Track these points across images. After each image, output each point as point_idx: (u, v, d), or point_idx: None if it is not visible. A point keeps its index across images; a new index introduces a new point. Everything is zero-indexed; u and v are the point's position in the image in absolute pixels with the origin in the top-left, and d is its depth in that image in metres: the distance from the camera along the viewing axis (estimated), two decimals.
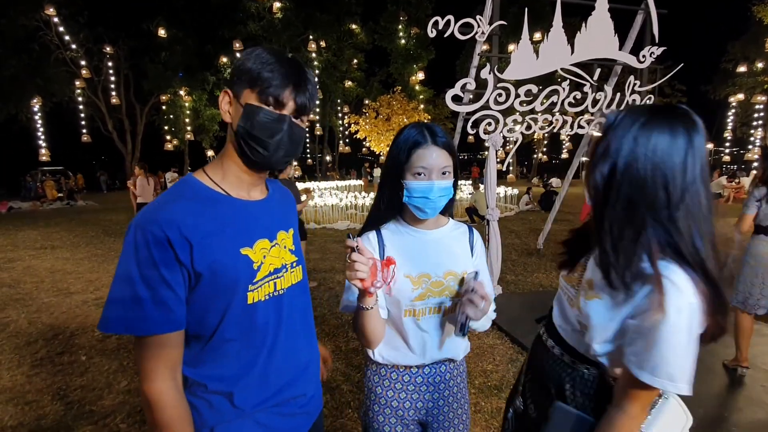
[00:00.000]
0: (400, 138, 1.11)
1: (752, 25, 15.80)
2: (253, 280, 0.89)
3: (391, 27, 20.95)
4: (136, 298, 0.79)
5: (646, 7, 4.73)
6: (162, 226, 0.80)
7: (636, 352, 0.82)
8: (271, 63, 0.86)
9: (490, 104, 4.26)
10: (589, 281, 0.95)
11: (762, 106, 20.66)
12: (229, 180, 0.93)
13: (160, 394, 0.81)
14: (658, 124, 0.83)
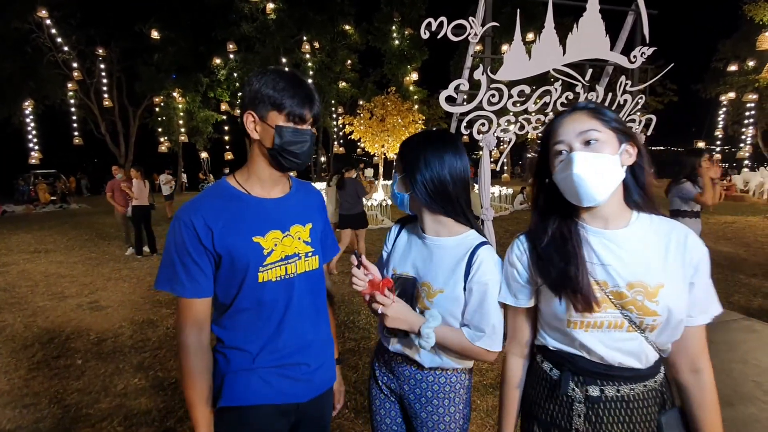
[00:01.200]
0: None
1: (743, 24, 15.97)
2: (263, 263, 1.09)
3: (384, 28, 20.96)
4: (173, 268, 1.06)
5: (637, 8, 4.79)
6: (191, 216, 1.05)
7: (701, 304, 0.95)
8: (287, 89, 1.06)
9: (484, 105, 4.30)
10: (634, 285, 0.92)
11: (753, 104, 20.94)
12: (251, 182, 1.15)
13: (185, 343, 1.06)
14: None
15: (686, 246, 0.92)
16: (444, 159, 1.12)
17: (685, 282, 0.92)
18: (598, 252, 0.95)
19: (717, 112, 24.79)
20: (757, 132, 22.52)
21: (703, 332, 0.97)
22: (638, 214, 0.97)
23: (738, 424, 2.38)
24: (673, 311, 0.90)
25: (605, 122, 0.93)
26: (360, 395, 2.73)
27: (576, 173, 0.90)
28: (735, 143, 25.47)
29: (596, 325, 0.93)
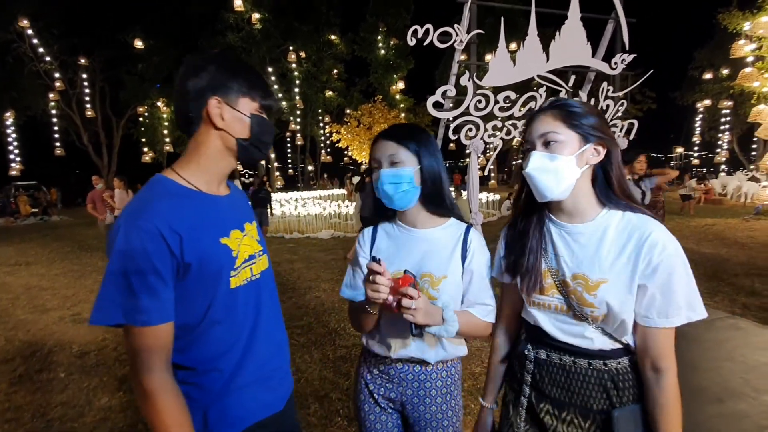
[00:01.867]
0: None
1: (717, 33, 16.60)
2: (234, 266, 0.99)
3: (370, 38, 21.20)
4: (132, 292, 0.85)
5: (616, 16, 4.93)
6: (153, 220, 0.86)
7: (659, 307, 0.94)
8: (256, 76, 1.00)
9: (471, 110, 4.36)
10: (577, 276, 1.00)
11: (728, 111, 21.66)
12: (203, 178, 1.00)
13: (160, 385, 0.86)
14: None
15: (645, 247, 0.94)
16: (438, 150, 1.18)
17: (634, 282, 0.95)
18: (555, 242, 1.05)
19: (694, 119, 25.62)
20: (732, 137, 23.28)
21: (668, 336, 0.96)
22: (608, 211, 1.01)
23: (728, 420, 2.41)
24: (612, 307, 0.95)
25: (569, 124, 0.99)
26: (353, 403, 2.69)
27: (527, 171, 1.01)
28: (712, 149, 26.27)
29: (546, 306, 1.05)
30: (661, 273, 0.93)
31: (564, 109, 1.01)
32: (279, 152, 26.09)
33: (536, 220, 1.08)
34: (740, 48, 11.32)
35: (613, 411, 0.97)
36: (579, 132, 0.99)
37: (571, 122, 0.98)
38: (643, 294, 0.95)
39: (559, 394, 1.03)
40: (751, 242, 7.97)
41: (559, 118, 1.00)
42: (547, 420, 1.05)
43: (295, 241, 9.32)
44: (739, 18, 11.58)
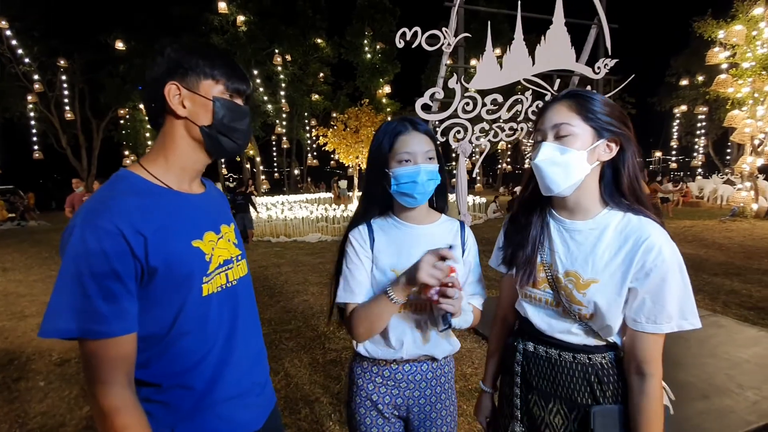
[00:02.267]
0: (380, 130, 1.14)
1: (693, 41, 17.13)
2: (207, 272, 0.89)
3: (356, 41, 21.22)
4: (88, 299, 0.75)
5: (599, 21, 5.04)
6: (113, 219, 0.77)
7: (648, 313, 0.92)
8: (219, 57, 0.90)
9: (459, 113, 4.39)
10: (569, 273, 1.00)
11: (704, 116, 22.37)
12: (173, 174, 0.92)
13: (120, 402, 0.77)
14: None
15: (640, 251, 0.92)
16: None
17: (625, 285, 0.93)
18: (552, 237, 1.04)
19: (671, 124, 26.38)
20: (708, 142, 24.02)
21: (655, 341, 0.94)
22: (609, 210, 0.99)
23: (715, 415, 2.46)
24: (601, 308, 0.94)
25: (584, 117, 0.94)
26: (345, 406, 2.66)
27: (536, 162, 0.97)
28: (689, 153, 27.06)
29: (537, 299, 1.06)
30: (654, 278, 0.91)
31: (581, 100, 0.96)
32: (265, 156, 25.83)
33: (538, 214, 1.07)
34: (715, 55, 11.69)
35: (593, 408, 0.97)
36: (594, 126, 0.94)
37: (587, 114, 0.94)
38: (633, 297, 0.94)
39: (546, 386, 1.04)
40: (728, 243, 8.21)
41: (574, 109, 0.96)
42: (535, 411, 1.06)
43: (281, 244, 9.23)
44: (714, 26, 11.96)
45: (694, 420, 2.41)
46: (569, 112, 0.96)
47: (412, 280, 0.99)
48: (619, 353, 1.00)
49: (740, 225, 10.51)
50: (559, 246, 1.02)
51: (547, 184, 0.98)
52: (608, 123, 0.95)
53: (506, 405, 1.15)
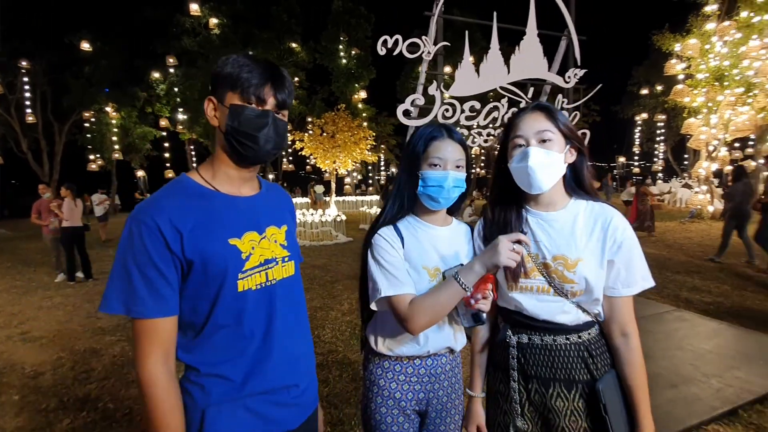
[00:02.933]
0: (416, 133, 1.20)
1: (652, 53, 18.10)
2: (242, 269, 0.95)
3: (331, 47, 21.24)
4: (131, 284, 0.87)
5: (569, 33, 5.30)
6: (154, 217, 0.88)
7: (623, 279, 1.09)
8: (247, 65, 0.94)
9: (439, 118, 4.51)
10: (557, 257, 1.10)
11: (663, 123, 23.65)
12: (219, 178, 1.00)
13: (151, 374, 0.87)
14: None
15: (609, 228, 1.09)
16: None
17: (604, 259, 1.09)
18: (533, 230, 1.14)
19: (633, 131, 27.71)
20: (667, 148, 25.37)
21: (630, 303, 1.13)
22: (575, 200, 1.15)
23: (682, 403, 2.64)
24: (590, 281, 1.07)
25: (556, 126, 1.10)
26: (334, 408, 2.69)
27: (530, 165, 1.08)
28: (650, 158, 28.48)
29: (528, 288, 1.12)
30: (624, 250, 1.09)
31: (551, 112, 1.12)
32: None
33: (515, 211, 1.17)
34: (672, 67, 12.42)
35: (597, 384, 1.08)
36: (562, 133, 1.11)
37: (557, 124, 1.10)
38: (611, 268, 1.10)
39: (545, 372, 1.12)
40: (688, 243, 8.72)
41: (549, 119, 1.10)
42: (536, 399, 1.13)
43: None
44: (671, 39, 12.73)
45: (665, 407, 2.58)
46: (546, 120, 1.10)
47: (490, 264, 1.02)
48: (599, 327, 1.15)
49: (698, 226, 11.17)
50: (541, 236, 1.13)
51: (537, 183, 1.09)
52: (570, 132, 1.12)
53: (502, 402, 1.19)
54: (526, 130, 1.10)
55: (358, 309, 1.34)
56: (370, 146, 14.74)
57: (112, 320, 4.61)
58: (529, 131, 1.10)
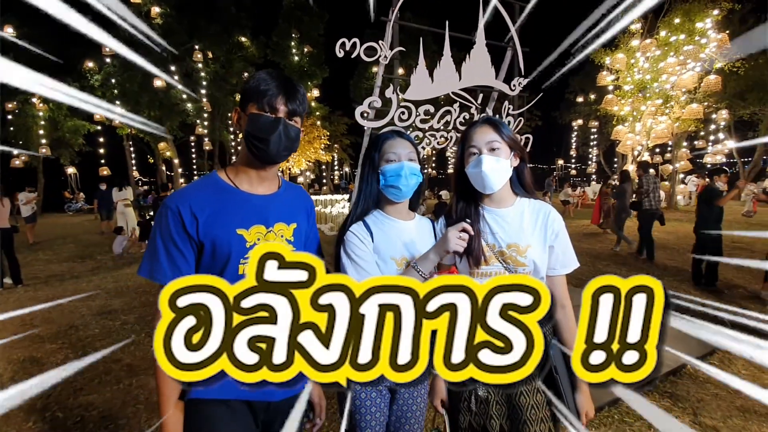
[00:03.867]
0: (373, 140, 1.38)
1: (587, 64, 19.64)
2: (245, 255, 1.11)
3: (283, 43, 20.87)
4: (156, 255, 1.07)
5: (513, 45, 5.70)
6: (178, 203, 1.08)
7: (561, 261, 1.35)
8: (266, 80, 1.12)
9: (395, 121, 4.68)
10: (511, 245, 1.32)
11: (595, 129, 25.68)
12: (240, 177, 1.18)
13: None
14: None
15: (548, 220, 1.34)
16: None
17: (546, 244, 1.34)
18: (489, 224, 1.35)
19: (571, 136, 29.80)
20: (599, 152, 27.57)
21: (565, 281, 1.40)
22: (520, 199, 1.39)
23: None
24: (537, 263, 1.31)
25: (502, 136, 1.33)
26: None
27: (483, 170, 1.30)
28: (585, 161, 30.78)
29: (488, 274, 1.32)
30: (561, 237, 1.35)
31: (497, 124, 1.35)
32: (184, 158, 24.16)
33: (473, 209, 1.37)
34: (603, 78, 13.61)
35: (549, 350, 1.27)
36: (507, 143, 1.33)
37: (502, 135, 1.33)
38: (551, 252, 1.35)
39: None
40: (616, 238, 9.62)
41: (496, 131, 1.33)
42: None
43: None
44: (602, 53, 13.93)
45: None
46: (494, 132, 1.33)
47: (442, 252, 1.20)
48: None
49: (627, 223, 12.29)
50: (496, 228, 1.34)
51: (489, 185, 1.31)
52: (513, 142, 1.35)
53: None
54: (478, 140, 1.32)
55: None
56: (323, 145, 14.70)
57: (51, 327, 4.33)
58: (480, 142, 1.32)
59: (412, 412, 1.41)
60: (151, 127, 18.24)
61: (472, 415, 1.36)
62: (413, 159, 1.37)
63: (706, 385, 2.97)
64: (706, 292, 5.12)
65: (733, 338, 0.78)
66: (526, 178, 1.40)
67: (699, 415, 2.62)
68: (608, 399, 2.72)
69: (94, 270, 7.17)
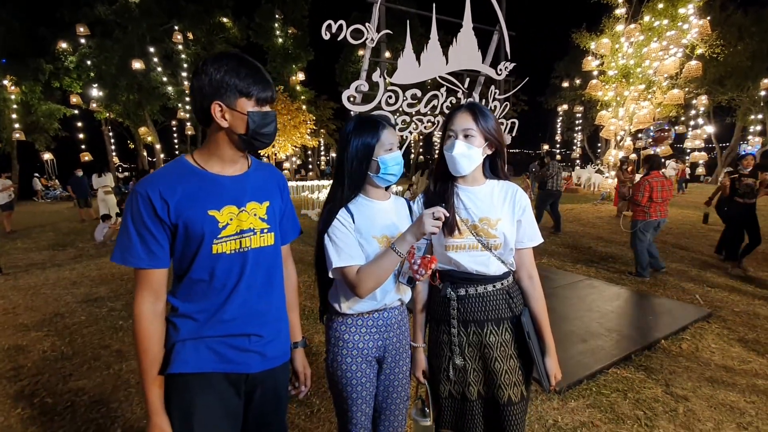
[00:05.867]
0: (360, 127, 1.37)
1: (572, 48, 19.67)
2: (218, 236, 1.14)
3: (266, 24, 20.35)
4: (129, 241, 1.09)
5: (500, 28, 5.70)
6: (147, 189, 1.08)
7: (528, 235, 1.46)
8: (250, 75, 1.11)
9: (382, 105, 4.67)
10: (483, 219, 1.40)
11: (580, 115, 25.94)
12: (211, 161, 1.18)
13: (140, 311, 1.10)
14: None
15: (515, 197, 1.44)
16: None
17: (514, 218, 1.43)
18: (463, 200, 1.44)
19: (556, 120, 30.06)
20: (584, 137, 27.91)
21: (532, 253, 1.50)
22: (490, 180, 1.49)
23: (590, 353, 3.13)
24: (507, 236, 1.40)
25: (479, 125, 1.38)
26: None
27: (453, 154, 1.39)
28: (570, 146, 31.14)
29: (462, 247, 1.41)
30: (527, 213, 1.45)
31: (476, 113, 1.39)
32: (165, 143, 23.58)
33: (450, 186, 1.46)
34: (588, 63, 13.66)
35: (522, 317, 1.41)
36: (483, 132, 1.39)
37: (480, 124, 1.38)
38: (519, 227, 1.45)
39: (480, 316, 1.42)
40: (599, 222, 9.85)
41: (473, 119, 1.38)
42: (474, 339, 1.43)
43: None
44: (587, 38, 13.97)
45: (576, 358, 3.05)
46: (471, 120, 1.38)
47: (417, 234, 1.25)
48: (513, 275, 1.50)
49: (607, 207, 12.58)
50: (469, 204, 1.43)
51: (459, 168, 1.40)
52: (488, 132, 1.40)
53: (445, 349, 1.45)
54: (456, 125, 1.39)
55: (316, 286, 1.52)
56: (310, 130, 14.54)
57: (35, 315, 4.28)
58: (458, 127, 1.39)
59: (399, 380, 1.48)
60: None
61: (452, 384, 1.46)
62: (395, 148, 1.42)
63: (678, 358, 3.12)
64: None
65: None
66: (498, 166, 1.48)
67: (671, 386, 2.77)
68: (586, 373, 2.85)
69: (76, 258, 7.05)
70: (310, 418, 2.49)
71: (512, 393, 1.40)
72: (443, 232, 1.39)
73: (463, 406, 1.45)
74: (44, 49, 16.74)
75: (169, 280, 1.17)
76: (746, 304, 4.29)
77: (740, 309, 4.13)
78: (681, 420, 2.43)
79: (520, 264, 1.49)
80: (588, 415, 2.47)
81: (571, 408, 2.54)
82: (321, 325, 1.58)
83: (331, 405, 2.49)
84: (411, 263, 1.30)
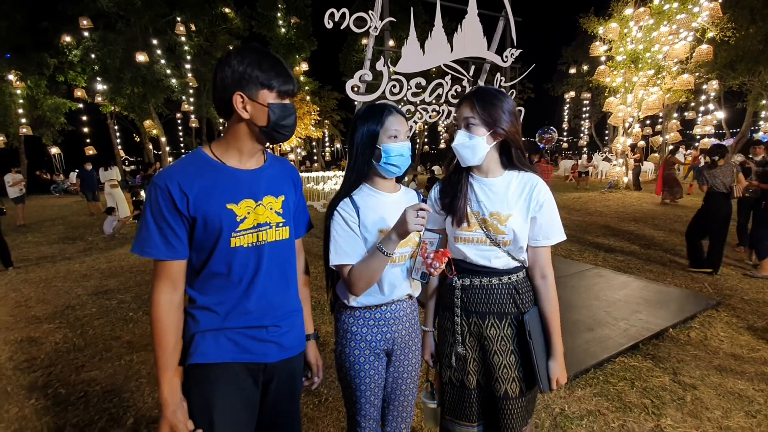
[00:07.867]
0: (366, 112, 1.35)
1: (579, 34, 19.32)
2: (236, 229, 1.15)
3: (268, 14, 20.13)
4: (148, 232, 1.10)
5: (506, 14, 5.59)
6: (166, 181, 1.09)
7: (544, 232, 1.37)
8: (272, 67, 1.12)
9: (387, 94, 4.63)
10: (493, 214, 1.36)
11: (587, 101, 25.55)
12: (229, 154, 1.19)
13: (157, 301, 1.11)
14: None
15: (533, 191, 1.35)
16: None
17: (528, 215, 1.36)
18: (476, 192, 1.39)
19: (563, 108, 29.64)
20: (591, 124, 27.53)
21: (548, 252, 1.42)
22: (509, 171, 1.41)
23: (597, 342, 3.12)
24: (517, 233, 1.34)
25: (479, 114, 1.33)
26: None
27: (454, 145, 1.36)
28: (577, 134, 30.75)
29: (470, 240, 1.38)
30: (545, 209, 1.36)
31: (474, 101, 1.33)
32: (170, 136, 23.63)
33: (464, 176, 1.42)
34: (596, 48, 13.41)
35: (525, 316, 1.37)
36: (483, 121, 1.32)
37: (481, 113, 1.32)
38: (534, 224, 1.37)
39: (482, 308, 1.40)
40: (606, 210, 9.76)
41: (472, 108, 1.33)
42: (475, 330, 1.41)
43: None
44: (595, 23, 13.69)
45: (584, 347, 3.04)
46: (472, 109, 1.33)
47: (402, 232, 1.21)
48: (525, 271, 1.43)
49: (615, 195, 12.47)
50: (482, 196, 1.38)
51: (463, 159, 1.37)
52: (491, 120, 1.32)
53: (448, 336, 1.47)
54: (459, 115, 1.37)
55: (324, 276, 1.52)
56: (314, 121, 14.48)
57: (47, 308, 4.35)
58: (460, 116, 1.36)
59: (408, 373, 1.48)
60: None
61: (452, 371, 1.47)
62: (408, 137, 1.38)
63: (687, 347, 3.11)
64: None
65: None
66: (513, 155, 1.39)
67: (679, 374, 2.76)
68: (593, 361, 2.84)
69: (85, 251, 7.14)
70: (318, 408, 2.51)
71: (509, 388, 1.39)
72: (452, 222, 1.38)
73: (462, 394, 1.46)
74: (48, 42, 16.74)
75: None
76: (756, 291, 4.25)
77: (750, 297, 4.09)
78: (689, 408, 2.43)
79: (533, 262, 1.42)
80: (595, 404, 2.47)
81: (578, 396, 2.54)
82: (328, 315, 1.59)
83: (339, 395, 2.51)
84: (424, 258, 1.28)
